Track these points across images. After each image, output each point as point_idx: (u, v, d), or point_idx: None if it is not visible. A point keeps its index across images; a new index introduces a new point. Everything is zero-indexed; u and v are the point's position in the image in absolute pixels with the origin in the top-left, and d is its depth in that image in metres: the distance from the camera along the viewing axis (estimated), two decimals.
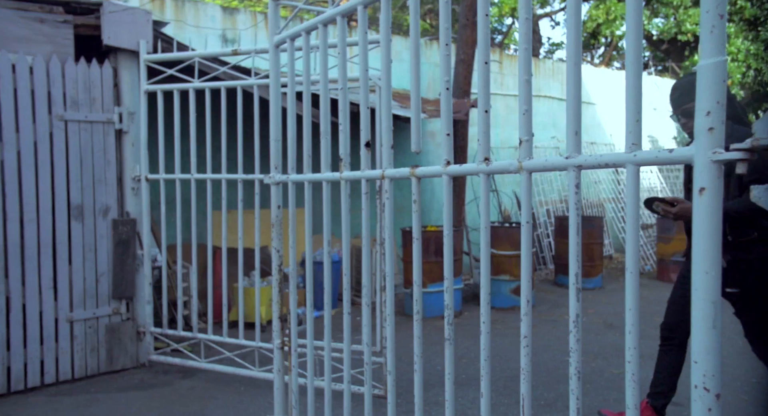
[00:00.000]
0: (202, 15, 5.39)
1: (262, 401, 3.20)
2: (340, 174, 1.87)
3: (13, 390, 3.22)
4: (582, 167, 1.11)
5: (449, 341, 1.48)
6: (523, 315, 1.27)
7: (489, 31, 1.35)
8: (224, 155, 3.46)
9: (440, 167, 1.47)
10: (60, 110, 3.39)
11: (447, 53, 1.45)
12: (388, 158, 1.68)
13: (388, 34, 1.66)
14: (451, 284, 1.48)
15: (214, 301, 3.76)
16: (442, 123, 1.46)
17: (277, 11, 2.25)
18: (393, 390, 1.70)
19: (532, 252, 1.26)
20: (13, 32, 3.23)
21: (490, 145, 1.37)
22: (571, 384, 1.15)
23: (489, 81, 1.35)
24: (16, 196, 3.24)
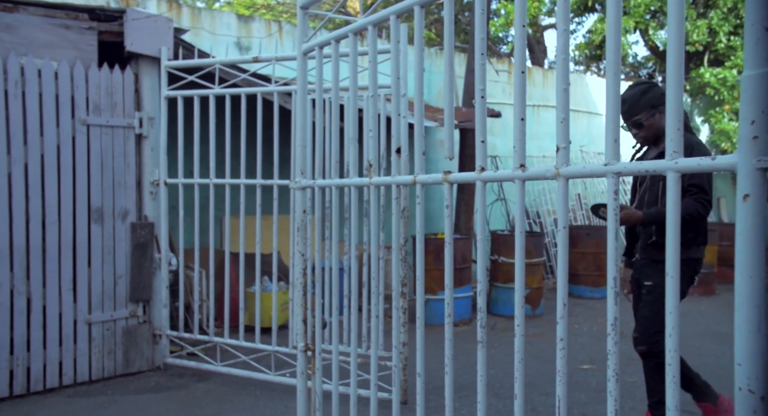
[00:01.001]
0: (217, 22, 5.46)
1: (278, 404, 3.22)
2: (369, 179, 1.90)
3: (33, 390, 3.25)
4: (621, 173, 1.15)
5: (482, 343, 1.50)
6: (560, 318, 1.29)
7: (525, 42, 1.39)
8: (243, 160, 3.51)
9: (475, 173, 1.50)
10: (83, 115, 3.44)
11: (482, 63, 1.49)
12: (420, 164, 1.71)
13: (421, 44, 1.70)
14: (484, 288, 1.51)
15: (229, 305, 3.79)
16: (477, 130, 1.49)
17: (305, 20, 2.30)
18: (422, 393, 1.73)
19: (567, 258, 1.29)
20: (40, 38, 3.30)
21: (500, 154, 1.40)
22: (609, 386, 1.17)
23: (525, 90, 1.38)
24: (39, 199, 3.29)
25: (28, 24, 3.27)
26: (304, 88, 2.32)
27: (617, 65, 1.16)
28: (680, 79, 1.06)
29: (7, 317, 3.17)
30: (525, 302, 5.90)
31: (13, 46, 3.21)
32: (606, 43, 1.17)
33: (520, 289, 1.39)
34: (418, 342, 1.72)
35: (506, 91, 8.28)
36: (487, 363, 1.51)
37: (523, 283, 1.28)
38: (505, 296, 5.58)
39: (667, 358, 1.06)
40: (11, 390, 3.18)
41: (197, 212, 3.67)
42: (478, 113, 1.49)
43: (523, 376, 1.39)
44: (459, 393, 3.32)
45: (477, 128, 1.50)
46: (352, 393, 2.02)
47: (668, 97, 1.07)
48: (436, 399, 3.17)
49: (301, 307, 2.31)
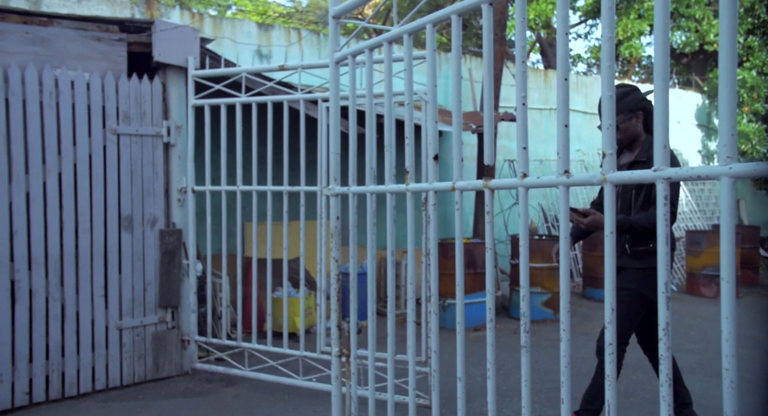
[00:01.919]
0: (238, 31, 5.54)
1: (307, 409, 3.24)
2: (406, 186, 1.93)
3: (67, 395, 3.31)
4: (671, 179, 1.16)
5: (525, 348, 1.52)
6: (608, 323, 1.30)
7: (568, 49, 1.41)
8: (270, 167, 3.55)
9: (517, 179, 1.52)
10: (113, 124, 3.52)
11: (523, 70, 1.51)
12: (458, 170, 1.73)
13: (459, 52, 1.73)
14: (527, 292, 1.53)
15: (256, 311, 3.82)
16: (518, 137, 1.51)
17: (336, 29, 2.33)
18: (463, 397, 1.74)
19: (614, 264, 1.30)
20: (73, 51, 3.38)
21: (512, 158, 1.41)
22: (662, 391, 1.18)
23: (568, 97, 1.40)
24: (72, 207, 3.36)
25: (61, 37, 3.35)
26: (337, 96, 2.36)
27: (666, 72, 1.17)
28: (733, 86, 1.07)
29: (43, 323, 3.24)
30: (547, 307, 5.85)
31: (47, 59, 3.30)
32: (654, 49, 1.18)
33: (566, 293, 1.40)
34: (459, 348, 1.73)
35: None
36: (515, 367, 1.52)
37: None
38: None
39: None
40: (47, 395, 3.24)
41: (224, 218, 3.72)
42: (519, 120, 1.51)
43: (569, 381, 1.40)
44: (484, 398, 3.31)
45: (518, 134, 1.51)
46: (390, 399, 2.03)
47: (720, 101, 1.08)
48: (466, 403, 3.17)
49: (336, 312, 2.34)
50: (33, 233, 3.22)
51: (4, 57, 3.14)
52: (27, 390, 3.18)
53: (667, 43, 1.16)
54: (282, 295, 4.58)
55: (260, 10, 13.81)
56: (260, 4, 13.85)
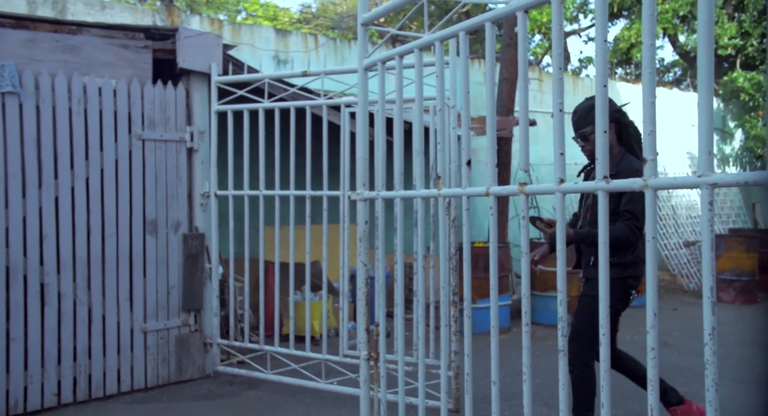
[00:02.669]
0: (257, 37, 5.61)
1: (329, 412, 3.26)
2: (437, 191, 1.95)
3: (94, 396, 3.36)
4: (717, 185, 1.17)
5: (563, 352, 1.53)
6: (650, 327, 1.31)
7: (606, 56, 1.42)
8: (293, 172, 3.59)
9: (553, 184, 1.53)
10: (139, 130, 3.57)
11: (560, 77, 1.52)
12: (492, 175, 1.75)
13: (493, 59, 1.75)
14: (564, 297, 1.54)
15: (278, 314, 3.85)
16: (555, 143, 1.53)
17: (365, 36, 2.36)
18: (497, 400, 1.75)
19: (657, 268, 1.31)
20: (100, 58, 3.44)
21: (532, 162, 1.43)
22: (708, 396, 1.19)
23: (606, 103, 1.41)
24: (99, 211, 3.42)
25: (89, 45, 3.42)
26: (365, 102, 2.38)
27: (710, 78, 1.18)
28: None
29: (71, 325, 3.29)
30: None
31: (76, 66, 3.36)
32: (698, 57, 1.19)
33: (605, 298, 1.41)
34: (493, 350, 1.74)
35: (536, 98, 8.28)
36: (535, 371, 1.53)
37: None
38: (543, 304, 5.55)
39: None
40: (75, 396, 3.29)
41: (247, 223, 3.76)
42: (556, 126, 1.53)
43: (609, 385, 1.41)
44: (509, 402, 3.32)
45: (555, 141, 1.53)
46: (421, 403, 2.05)
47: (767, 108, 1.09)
48: (485, 407, 3.17)
49: (364, 316, 2.36)
50: (61, 237, 3.28)
51: (35, 65, 3.21)
52: (55, 392, 3.23)
53: (711, 52, 1.18)
54: (301, 298, 4.61)
55: (270, 14, 13.93)
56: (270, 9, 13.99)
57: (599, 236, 1.38)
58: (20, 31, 3.17)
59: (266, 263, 4.26)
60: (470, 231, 1.84)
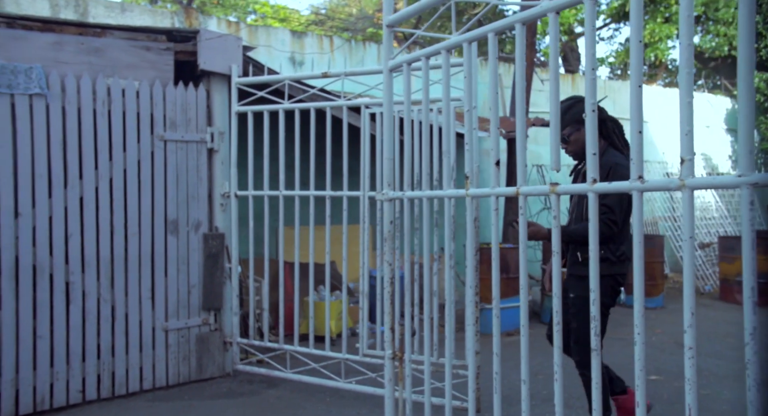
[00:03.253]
0: (273, 39, 5.65)
1: (350, 411, 3.28)
2: (466, 191, 1.96)
3: (117, 394, 3.40)
4: (758, 184, 1.17)
5: (596, 352, 1.54)
6: (688, 326, 1.32)
7: (642, 57, 1.43)
8: (312, 172, 3.62)
9: (587, 184, 1.54)
10: (161, 131, 3.62)
11: (592, 77, 1.53)
12: (522, 176, 1.76)
13: (523, 60, 1.76)
14: (597, 297, 1.55)
15: (299, 314, 3.88)
16: (588, 144, 1.54)
17: (390, 37, 2.39)
18: (527, 399, 1.76)
19: (693, 268, 1.31)
20: (123, 60, 3.49)
21: (545, 162, 1.44)
22: (750, 396, 1.19)
23: (642, 103, 1.42)
24: (122, 211, 3.47)
25: (113, 47, 3.47)
26: (390, 103, 2.40)
27: (750, 79, 1.19)
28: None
29: (95, 324, 3.34)
30: None
31: (100, 68, 3.41)
32: (738, 59, 1.20)
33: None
34: (523, 350, 1.75)
35: (547, 99, 8.24)
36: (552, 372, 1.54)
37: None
38: None
39: None
40: (99, 394, 3.34)
41: (267, 223, 3.79)
42: (589, 127, 1.54)
43: (644, 384, 1.42)
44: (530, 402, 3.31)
45: (588, 141, 1.54)
46: (447, 404, 2.06)
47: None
48: (506, 407, 3.18)
49: (389, 315, 2.38)
50: (86, 236, 3.33)
51: (61, 67, 3.26)
52: (80, 389, 3.27)
53: (752, 55, 1.18)
54: (317, 299, 4.64)
55: (282, 14, 14.01)
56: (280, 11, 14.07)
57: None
58: (47, 34, 3.23)
59: (285, 264, 4.29)
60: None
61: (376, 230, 3.51)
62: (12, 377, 3.05)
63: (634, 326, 1.43)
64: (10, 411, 3.04)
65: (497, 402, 1.86)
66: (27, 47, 3.17)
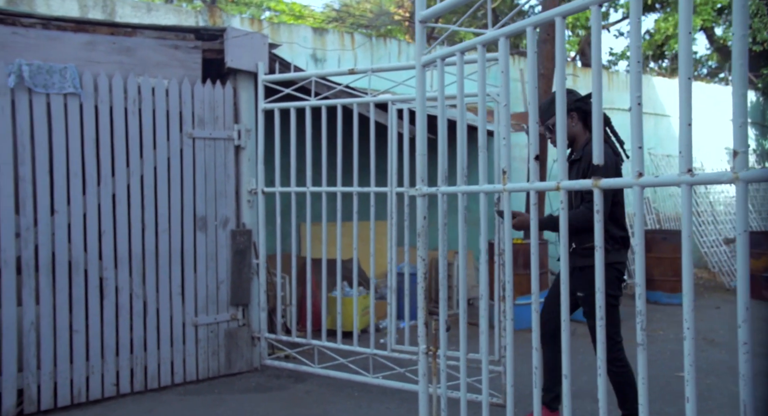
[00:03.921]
0: (295, 36, 5.67)
1: (379, 406, 3.30)
2: (503, 186, 1.96)
3: (149, 387, 3.47)
4: None
5: (642, 346, 1.53)
6: (742, 321, 1.30)
7: (691, 49, 1.41)
8: (340, 168, 3.63)
9: (632, 178, 1.53)
10: (189, 128, 3.66)
11: (638, 70, 1.52)
12: (564, 170, 1.75)
13: (563, 55, 1.75)
14: (643, 291, 1.54)
15: (326, 310, 3.90)
16: (633, 137, 1.52)
17: (423, 33, 2.38)
18: (569, 394, 1.75)
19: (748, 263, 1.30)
20: (153, 59, 3.54)
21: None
22: None
23: (691, 96, 1.40)
24: (153, 208, 3.52)
25: (143, 46, 3.52)
26: (423, 99, 2.40)
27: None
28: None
29: (128, 318, 3.40)
30: None
31: (131, 67, 3.46)
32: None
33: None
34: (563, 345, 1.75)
35: None
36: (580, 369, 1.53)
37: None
38: None
39: None
40: (132, 387, 3.41)
41: (294, 219, 3.82)
42: (634, 120, 1.52)
43: (694, 379, 1.41)
44: None
45: (633, 134, 1.53)
46: (485, 400, 2.06)
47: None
48: None
49: (423, 310, 2.38)
50: (118, 232, 3.39)
51: (93, 66, 3.32)
52: (114, 382, 3.34)
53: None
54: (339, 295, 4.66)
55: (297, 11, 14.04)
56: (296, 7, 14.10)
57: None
58: (80, 34, 3.28)
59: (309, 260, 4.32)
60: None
61: (405, 225, 3.52)
62: (50, 370, 3.13)
63: (683, 321, 1.42)
64: (50, 403, 3.12)
65: (537, 397, 1.85)
66: (61, 47, 3.23)
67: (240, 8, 13.99)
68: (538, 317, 1.88)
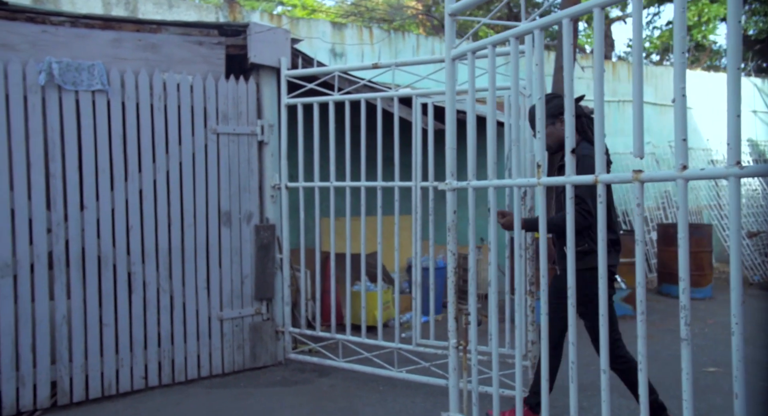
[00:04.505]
0: (314, 30, 5.67)
1: (404, 400, 3.31)
2: (537, 179, 1.94)
3: (177, 381, 3.51)
4: None
5: (687, 341, 1.51)
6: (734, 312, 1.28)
7: (740, 38, 1.38)
8: (364, 163, 3.63)
9: (675, 170, 1.50)
10: (213, 124, 3.68)
11: (682, 61, 1.49)
12: (601, 164, 1.73)
13: (601, 47, 1.72)
14: (687, 285, 1.52)
15: (350, 304, 3.92)
16: (677, 129, 1.50)
17: (453, 26, 2.36)
18: (607, 389, 1.74)
19: None
20: (177, 55, 3.56)
21: None
22: None
23: (740, 88, 1.38)
24: (179, 203, 3.55)
25: (168, 43, 3.54)
26: (453, 92, 2.39)
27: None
28: None
29: (155, 313, 3.45)
30: (627, 303, 5.70)
31: (156, 64, 3.49)
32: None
33: (738, 287, 1.39)
34: (600, 338, 1.73)
35: (590, 87, 8.06)
36: None
37: (741, 282, 1.27)
38: None
39: None
40: (160, 380, 3.45)
41: (318, 214, 3.83)
42: (678, 112, 1.50)
43: (743, 375, 1.39)
44: (584, 393, 3.29)
45: (677, 126, 1.50)
46: (518, 394, 2.06)
47: None
48: (561, 398, 3.16)
49: (454, 305, 2.38)
50: (145, 227, 3.43)
51: (120, 63, 3.35)
52: (143, 375, 3.39)
53: None
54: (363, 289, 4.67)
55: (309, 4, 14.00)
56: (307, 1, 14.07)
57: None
58: (107, 31, 3.31)
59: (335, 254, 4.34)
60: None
61: (429, 220, 3.51)
62: (82, 362, 3.18)
63: (731, 316, 1.40)
64: (81, 395, 3.17)
65: (573, 391, 1.84)
66: (89, 45, 3.26)
67: (252, 3, 13.99)
68: (574, 311, 1.86)
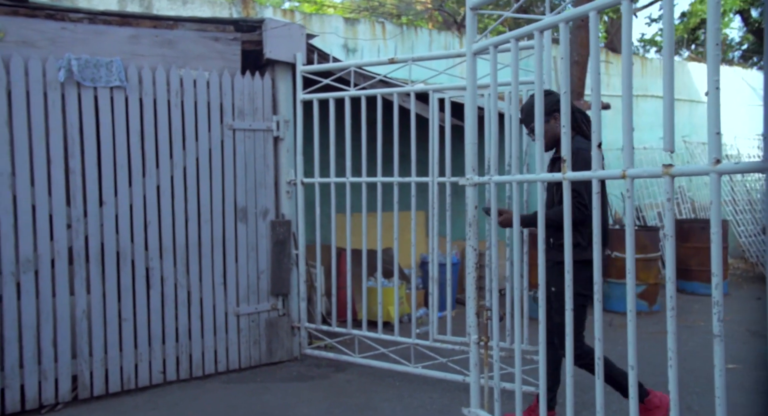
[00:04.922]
0: (326, 26, 5.66)
1: (421, 395, 3.31)
2: (563, 175, 1.92)
3: (194, 375, 3.53)
4: None
5: (720, 338, 1.50)
6: None
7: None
8: (380, 159, 3.62)
9: (708, 165, 1.48)
10: (229, 120, 3.69)
11: (716, 53, 1.47)
12: (629, 157, 1.72)
13: (629, 40, 1.70)
14: (719, 281, 1.50)
15: (365, 299, 3.92)
16: (710, 122, 1.48)
17: (474, 21, 2.35)
18: (635, 384, 1.73)
19: None
20: (193, 51, 3.56)
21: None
22: None
23: None
24: (195, 199, 3.56)
25: (184, 39, 3.54)
26: (474, 87, 2.37)
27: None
28: None
29: (173, 308, 3.47)
30: (642, 299, 5.66)
31: (172, 60, 3.49)
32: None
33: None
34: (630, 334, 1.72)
35: (603, 82, 8.01)
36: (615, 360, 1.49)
37: None
38: (619, 291, 5.41)
39: None
40: (178, 375, 3.47)
41: (333, 210, 3.83)
42: (712, 105, 1.48)
43: None
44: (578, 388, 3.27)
45: (710, 119, 1.48)
46: (542, 391, 2.05)
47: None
48: (578, 394, 3.14)
49: (473, 300, 2.37)
50: (163, 223, 3.44)
51: (138, 59, 3.36)
52: (161, 369, 3.41)
53: None
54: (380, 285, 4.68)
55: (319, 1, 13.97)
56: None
57: None
58: (125, 28, 3.32)
59: (341, 249, 4.34)
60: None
61: (447, 216, 3.50)
62: (102, 357, 3.21)
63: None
64: (101, 388, 3.20)
65: (599, 388, 1.83)
66: (107, 41, 3.27)
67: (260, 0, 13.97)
68: (601, 307, 1.85)
